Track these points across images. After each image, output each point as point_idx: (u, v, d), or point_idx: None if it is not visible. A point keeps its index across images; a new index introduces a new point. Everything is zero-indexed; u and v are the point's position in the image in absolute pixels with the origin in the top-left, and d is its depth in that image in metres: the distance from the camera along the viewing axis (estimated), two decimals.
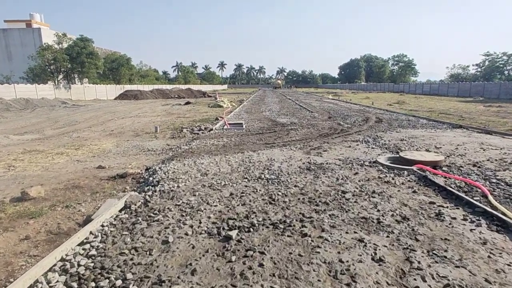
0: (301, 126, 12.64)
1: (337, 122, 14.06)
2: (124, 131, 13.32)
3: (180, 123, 15.33)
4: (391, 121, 14.07)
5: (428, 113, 19.01)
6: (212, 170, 6.17)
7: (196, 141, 9.75)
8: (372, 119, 14.80)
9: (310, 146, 8.40)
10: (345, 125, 12.98)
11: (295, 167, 6.30)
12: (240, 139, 9.78)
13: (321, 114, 17.97)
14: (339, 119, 15.20)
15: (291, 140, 9.41)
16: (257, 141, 9.43)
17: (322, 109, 21.72)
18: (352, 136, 10.05)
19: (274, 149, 8.15)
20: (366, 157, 7.15)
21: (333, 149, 8.00)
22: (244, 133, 11.09)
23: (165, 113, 21.37)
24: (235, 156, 7.31)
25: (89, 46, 37.32)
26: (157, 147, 9.58)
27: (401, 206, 4.17)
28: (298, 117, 16.17)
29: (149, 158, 8.28)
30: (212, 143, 9.35)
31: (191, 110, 23.41)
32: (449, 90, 47.64)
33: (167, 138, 11.16)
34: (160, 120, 16.80)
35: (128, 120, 17.60)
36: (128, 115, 20.89)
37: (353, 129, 11.64)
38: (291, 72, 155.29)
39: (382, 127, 12.22)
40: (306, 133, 10.93)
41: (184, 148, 8.74)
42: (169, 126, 14.16)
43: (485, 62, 57.68)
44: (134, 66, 54.83)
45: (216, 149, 8.40)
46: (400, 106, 25.86)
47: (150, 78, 70.95)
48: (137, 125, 15.20)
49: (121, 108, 28.03)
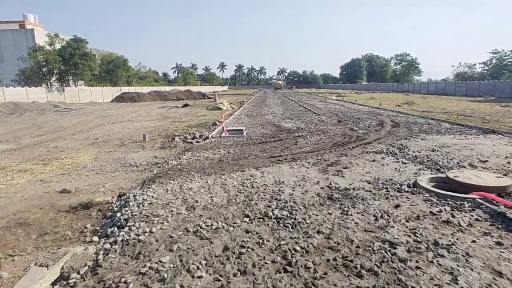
0: (310, 133, 11.10)
1: (349, 127, 12.51)
2: (110, 139, 11.81)
3: (174, 129, 13.82)
4: (410, 125, 12.51)
5: (444, 114, 17.45)
6: (202, 200, 4.64)
7: (188, 153, 8.22)
8: (388, 123, 13.25)
9: (326, 161, 6.86)
10: (359, 130, 11.42)
11: (312, 194, 4.76)
12: (240, 151, 8.24)
13: (329, 117, 16.42)
14: (350, 123, 13.65)
15: (301, 152, 7.86)
16: (260, 153, 7.89)
17: (329, 111, 20.17)
18: (373, 146, 8.49)
19: (282, 165, 6.61)
20: (400, 176, 5.60)
21: (355, 165, 6.45)
22: (245, 142, 9.56)
23: (160, 117, 19.87)
24: (233, 177, 5.77)
25: (83, 47, 35.83)
26: (142, 161, 8.05)
27: (493, 278, 2.62)
28: (304, 121, 14.62)
29: (128, 177, 6.76)
30: (206, 156, 7.81)
31: (188, 114, 21.91)
32: (456, 90, 46.02)
33: (156, 149, 9.63)
34: (152, 126, 15.29)
35: (118, 125, 16.10)
36: (120, 119, 19.39)
37: (371, 136, 10.09)
38: (292, 73, 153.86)
39: (403, 133, 10.67)
40: (317, 141, 9.38)
41: (172, 164, 7.21)
42: (161, 133, 12.64)
43: (492, 60, 56.02)
44: (132, 68, 53.37)
45: (210, 165, 6.87)
46: (410, 107, 24.32)
47: (148, 80, 69.49)
48: (127, 131, 13.69)
49: (115, 111, 26.57)
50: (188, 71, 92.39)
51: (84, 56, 35.53)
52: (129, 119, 19.37)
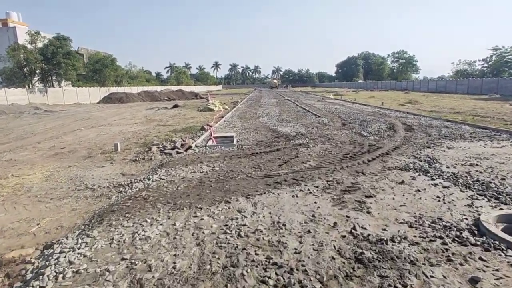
0: (312, 140, 9.43)
1: (356, 131, 10.87)
2: (78, 148, 10.03)
3: (157, 134, 12.08)
4: (426, 129, 10.91)
5: (456, 115, 15.91)
6: (158, 265, 2.93)
7: (162, 171, 6.51)
8: (399, 126, 11.64)
9: (339, 183, 5.19)
10: (369, 136, 9.78)
11: (330, 252, 3.08)
12: (227, 167, 6.55)
13: (330, 119, 14.78)
14: (357, 126, 12.01)
15: (304, 169, 6.18)
16: (252, 170, 6.20)
17: (330, 112, 18.54)
18: (393, 159, 6.85)
19: (281, 190, 4.93)
20: (451, 212, 3.96)
21: (379, 191, 4.79)
22: (235, 154, 7.86)
23: (145, 120, 18.08)
24: (214, 213, 4.09)
25: (66, 45, 33.70)
26: (103, 181, 6.32)
27: None
28: (304, 125, 12.95)
29: (77, 208, 5.05)
30: (183, 175, 6.10)
31: (176, 116, 20.14)
32: (457, 87, 44.72)
33: (126, 162, 7.90)
34: (133, 131, 13.52)
35: (95, 130, 14.29)
36: (100, 122, 17.57)
37: (385, 144, 8.44)
38: (287, 71, 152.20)
39: (421, 139, 9.05)
40: (322, 152, 7.71)
41: (136, 188, 5.50)
42: (140, 140, 10.90)
43: (492, 57, 54.79)
44: (121, 67, 51.20)
45: (185, 190, 5.17)
46: (415, 106, 22.81)
47: (139, 79, 67.29)
48: (102, 138, 11.92)
49: (99, 113, 24.69)
50: (181, 70, 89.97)
51: (68, 55, 33.41)
52: (110, 122, 17.56)
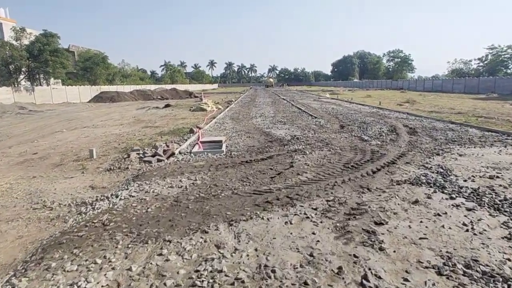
0: (309, 145, 8.58)
1: (356, 134, 10.05)
2: (51, 154, 9.08)
3: (141, 138, 11.16)
4: (430, 132, 10.13)
5: (458, 116, 15.19)
6: None
7: (135, 185, 5.61)
8: (401, 129, 10.86)
9: (342, 204, 4.35)
10: (371, 141, 8.96)
11: None
12: (210, 180, 5.67)
13: (328, 120, 13.96)
14: (356, 129, 11.20)
15: (300, 183, 5.33)
16: (240, 184, 5.33)
17: (326, 112, 17.73)
18: (400, 169, 6.02)
19: (272, 214, 4.07)
20: (487, 250, 3.13)
21: (392, 216, 3.95)
22: (222, 162, 6.98)
23: (133, 121, 17.11)
24: (184, 251, 3.21)
25: (54, 42, 32.41)
26: (65, 197, 5.41)
27: None
28: (299, 127, 12.11)
29: (23, 235, 4.14)
30: (158, 191, 5.22)
31: (166, 116, 19.19)
32: (454, 87, 44.24)
33: (100, 172, 6.99)
34: (117, 133, 12.57)
35: (77, 132, 13.31)
36: (85, 123, 16.57)
37: (390, 150, 7.63)
38: (283, 70, 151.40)
39: (428, 145, 8.26)
40: (320, 160, 6.86)
41: (100, 208, 4.61)
42: (120, 145, 9.96)
43: (487, 56, 54.48)
44: (112, 65, 49.84)
45: (156, 213, 4.29)
46: (413, 106, 22.11)
47: (133, 78, 65.93)
48: (81, 141, 10.96)
49: (86, 113, 23.63)
50: (175, 68, 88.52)
51: (55, 53, 32.15)
52: (95, 123, 16.55)
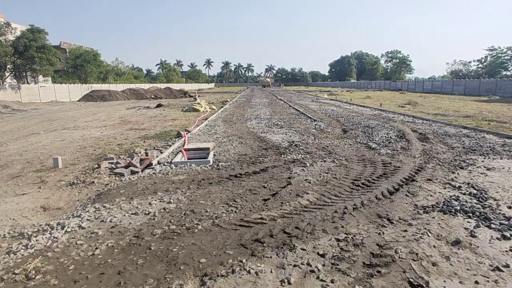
0: (309, 154, 7.45)
1: (361, 141, 8.95)
2: (15, 161, 7.87)
3: (121, 142, 9.98)
4: (444, 139, 9.06)
5: (466, 119, 14.18)
6: None
7: (92, 209, 4.45)
8: (411, 135, 9.79)
9: (358, 247, 3.21)
10: (380, 149, 7.86)
11: None
12: (188, 203, 4.52)
13: (328, 124, 12.86)
14: (361, 134, 10.11)
15: (300, 209, 4.19)
16: (224, 211, 4.19)
17: (326, 114, 16.63)
18: (423, 189, 4.91)
19: (263, 263, 2.92)
20: None
21: (431, 270, 2.80)
22: (206, 176, 5.83)
23: (119, 122, 15.88)
24: None
25: (41, 38, 30.97)
26: (3, 226, 4.24)
27: None
28: (298, 131, 10.99)
29: None
30: (117, 220, 4.05)
31: (156, 117, 17.99)
32: (454, 88, 43.41)
33: (60, 187, 5.81)
34: (96, 136, 11.37)
35: (54, 135, 12.08)
36: (67, 124, 15.32)
37: (404, 162, 6.53)
38: (280, 70, 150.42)
39: (445, 154, 7.18)
40: (323, 175, 5.73)
41: (34, 247, 3.45)
42: (96, 151, 8.78)
43: (487, 57, 53.80)
44: (106, 63, 48.39)
45: (104, 259, 3.12)
46: (416, 108, 21.11)
47: (127, 76, 64.43)
48: (54, 146, 9.75)
49: (72, 113, 22.33)
50: (171, 67, 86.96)
51: (42, 49, 30.72)
52: (78, 124, 15.30)
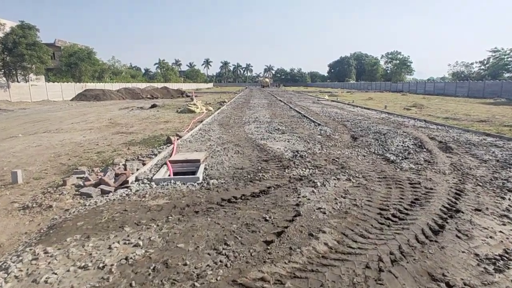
0: (318, 168, 6.29)
1: (376, 151, 7.81)
2: None
3: (102, 150, 8.79)
4: (470, 149, 7.93)
5: (481, 124, 13.09)
6: None
7: (28, 255, 3.28)
8: (429, 143, 8.66)
9: None
10: (400, 162, 6.70)
11: None
12: (162, 246, 3.28)
13: (334, 129, 11.72)
14: (373, 141, 8.96)
15: (317, 260, 3.01)
16: (210, 263, 2.97)
17: (330, 117, 15.49)
18: (475, 225, 3.74)
19: None
20: None
21: None
22: (192, 200, 4.66)
23: (107, 124, 14.68)
24: None
25: (31, 35, 29.70)
26: None
27: None
28: (302, 137, 9.82)
29: None
30: (53, 280, 2.89)
31: (148, 118, 16.81)
32: (457, 90, 42.40)
33: (11, 211, 4.63)
34: (77, 141, 10.17)
35: (32, 139, 10.85)
36: (52, 126, 14.10)
37: (436, 182, 5.38)
38: (279, 70, 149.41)
39: (479, 169, 6.04)
40: (340, 201, 4.56)
41: None
42: (70, 160, 7.59)
43: (489, 59, 52.89)
44: (99, 61, 46.99)
45: None
46: (423, 112, 20.01)
47: (124, 75, 63.09)
48: (27, 152, 8.54)
49: (61, 113, 21.10)
50: (169, 67, 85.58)
51: (33, 46, 29.45)
52: (62, 127, 14.07)
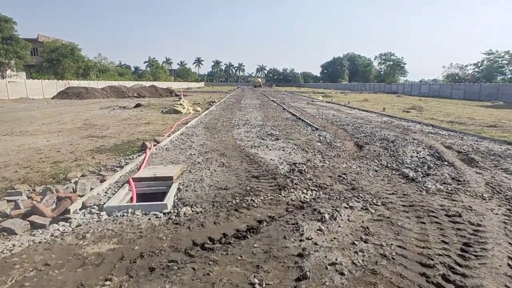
0: (322, 188, 4.94)
1: (389, 164, 6.51)
2: None
3: (62, 158, 7.29)
4: (499, 162, 6.70)
5: (491, 129, 12.01)
6: None
7: None
8: (448, 154, 7.43)
9: None
10: (425, 181, 5.37)
11: None
12: None
13: (334, 133, 10.42)
14: (382, 151, 7.67)
15: None
16: None
17: (327, 120, 14.21)
18: None
19: None
20: None
21: None
22: (150, 247, 3.24)
23: (80, 126, 13.09)
24: None
25: (7, 28, 27.75)
26: None
27: None
28: (299, 145, 8.47)
29: None
30: None
31: (128, 119, 15.26)
32: (453, 92, 41.81)
33: None
34: (37, 147, 8.61)
35: None
36: (18, 128, 12.42)
37: (480, 213, 4.07)
38: (271, 70, 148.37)
39: None
40: (358, 249, 3.18)
41: None
42: (16, 173, 6.07)
43: (483, 61, 52.67)
44: (86, 58, 44.97)
45: None
46: (423, 115, 18.96)
47: (111, 73, 60.94)
48: None
49: (35, 113, 19.32)
50: (158, 64, 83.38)
51: (9, 40, 27.51)
52: (28, 129, 12.43)
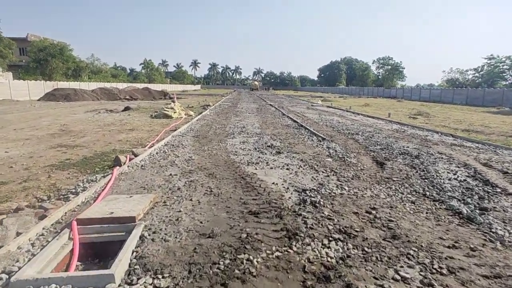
0: (348, 235, 3.42)
1: (424, 191, 5.05)
2: None
3: (13, 176, 5.77)
4: None
5: None
6: None
7: None
8: (492, 176, 6.01)
9: None
10: (489, 222, 3.94)
11: None
12: None
13: (344, 145, 8.98)
14: (409, 170, 6.24)
15: None
16: None
17: (332, 128, 12.78)
18: None
19: None
20: None
21: None
22: None
23: (55, 132, 11.52)
24: None
25: None
26: None
27: None
28: (306, 161, 6.98)
29: None
30: None
31: (112, 125, 13.70)
32: (454, 97, 40.80)
33: None
34: None
35: None
36: None
37: None
38: (268, 73, 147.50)
39: None
40: None
41: None
42: None
43: (483, 66, 51.87)
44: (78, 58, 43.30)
45: None
46: (431, 121, 17.67)
47: (103, 74, 59.25)
48: None
49: (12, 116, 17.72)
50: (153, 66, 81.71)
51: None
52: None
